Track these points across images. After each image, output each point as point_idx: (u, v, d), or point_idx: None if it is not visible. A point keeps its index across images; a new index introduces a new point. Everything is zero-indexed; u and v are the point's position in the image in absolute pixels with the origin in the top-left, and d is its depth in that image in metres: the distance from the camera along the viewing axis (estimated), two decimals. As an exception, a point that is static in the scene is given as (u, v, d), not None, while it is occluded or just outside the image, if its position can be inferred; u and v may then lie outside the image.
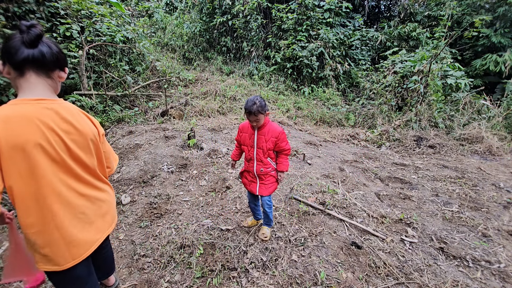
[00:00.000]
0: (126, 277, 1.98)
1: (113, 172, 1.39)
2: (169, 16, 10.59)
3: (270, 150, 2.02)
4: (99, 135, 1.21)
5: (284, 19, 8.30)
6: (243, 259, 2.08)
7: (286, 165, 2.08)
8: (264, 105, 1.89)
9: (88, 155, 1.14)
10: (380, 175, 3.72)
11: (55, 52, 1.04)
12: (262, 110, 1.87)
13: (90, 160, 1.15)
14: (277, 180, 2.13)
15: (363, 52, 9.02)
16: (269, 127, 1.99)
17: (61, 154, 1.04)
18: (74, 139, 1.08)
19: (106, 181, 1.30)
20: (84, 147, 1.12)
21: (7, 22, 4.07)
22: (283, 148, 2.03)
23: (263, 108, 1.87)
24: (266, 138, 1.98)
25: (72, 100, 4.37)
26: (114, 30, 5.59)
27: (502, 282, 1.96)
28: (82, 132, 1.10)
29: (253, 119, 1.90)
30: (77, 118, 1.10)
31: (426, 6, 9.55)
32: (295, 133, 5.38)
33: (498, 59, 7.43)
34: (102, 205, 1.23)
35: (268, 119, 2.01)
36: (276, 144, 2.00)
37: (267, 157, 2.03)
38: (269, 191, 2.10)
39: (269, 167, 2.06)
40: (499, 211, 2.84)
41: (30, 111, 0.97)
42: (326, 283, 1.87)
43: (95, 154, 1.19)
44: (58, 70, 1.09)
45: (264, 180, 2.08)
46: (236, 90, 7.11)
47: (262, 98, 1.94)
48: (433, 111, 5.54)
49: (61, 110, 1.06)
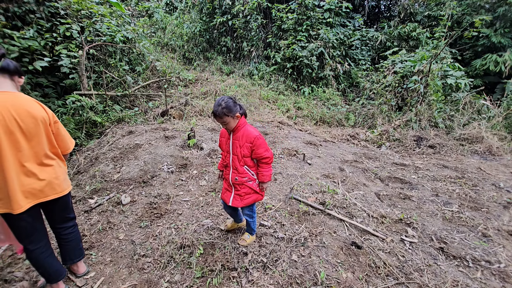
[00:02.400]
0: (126, 277, 1.98)
1: (70, 150, 1.75)
2: (169, 16, 10.59)
3: (246, 157, 1.85)
4: (49, 120, 1.55)
5: (284, 19, 8.30)
6: (243, 259, 2.08)
7: (267, 175, 1.88)
8: (231, 106, 1.73)
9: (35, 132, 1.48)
10: (380, 175, 3.72)
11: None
12: (229, 113, 1.72)
13: (37, 137, 1.50)
14: (256, 192, 1.94)
15: (363, 52, 9.02)
16: (243, 131, 1.81)
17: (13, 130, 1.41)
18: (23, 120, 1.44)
19: (54, 157, 1.62)
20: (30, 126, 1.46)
21: (7, 22, 4.07)
22: (262, 156, 1.83)
23: (230, 110, 1.72)
24: (240, 144, 1.82)
25: (72, 100, 4.37)
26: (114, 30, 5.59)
27: (502, 282, 1.96)
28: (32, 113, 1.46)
29: (220, 122, 1.77)
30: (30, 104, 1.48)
31: (426, 6, 9.55)
32: (295, 133, 5.38)
33: (498, 59, 7.43)
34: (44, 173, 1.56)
35: (243, 121, 1.84)
36: (252, 151, 1.82)
37: (243, 165, 1.86)
38: (244, 203, 1.92)
39: (244, 176, 1.87)
40: (499, 211, 2.84)
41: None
42: (326, 283, 1.87)
43: (45, 134, 1.53)
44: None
45: (240, 191, 1.91)
46: (236, 90, 7.11)
47: (232, 99, 1.79)
48: (433, 111, 5.54)
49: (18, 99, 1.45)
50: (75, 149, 4.21)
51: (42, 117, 1.50)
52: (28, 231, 1.60)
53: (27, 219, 1.55)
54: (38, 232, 1.64)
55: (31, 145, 1.49)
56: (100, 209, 2.81)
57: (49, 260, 1.68)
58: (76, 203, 2.96)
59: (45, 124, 1.52)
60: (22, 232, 1.58)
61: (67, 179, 1.73)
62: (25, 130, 1.44)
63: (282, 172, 3.49)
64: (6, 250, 2.26)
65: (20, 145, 1.44)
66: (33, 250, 1.62)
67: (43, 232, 1.68)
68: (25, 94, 1.53)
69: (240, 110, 1.80)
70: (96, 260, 2.15)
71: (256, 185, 1.94)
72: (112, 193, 3.06)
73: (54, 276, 1.71)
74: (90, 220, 2.64)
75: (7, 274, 2.02)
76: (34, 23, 4.38)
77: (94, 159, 3.92)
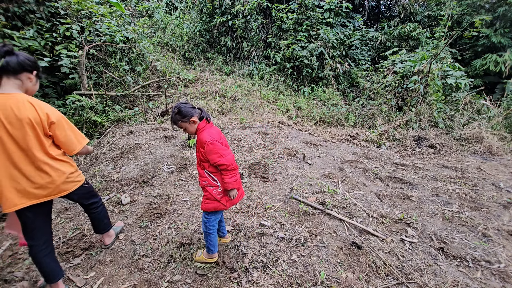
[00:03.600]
0: (126, 277, 1.98)
1: (76, 153, 1.71)
2: (169, 16, 10.60)
3: (204, 162, 1.81)
4: (42, 121, 1.51)
5: (284, 19, 8.30)
6: (243, 259, 2.08)
7: (228, 182, 1.78)
8: (183, 112, 1.73)
9: (27, 133, 1.48)
10: (380, 175, 3.72)
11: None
12: (183, 118, 1.73)
13: (24, 140, 1.48)
14: (216, 199, 1.84)
15: (363, 52, 9.02)
16: (200, 135, 1.78)
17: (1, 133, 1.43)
18: (10, 122, 1.44)
19: (47, 160, 1.58)
20: (21, 127, 1.46)
21: (7, 22, 4.07)
22: (216, 162, 1.74)
23: (183, 115, 1.73)
24: (197, 147, 1.84)
25: (72, 100, 4.37)
26: (114, 30, 5.59)
27: (502, 282, 1.96)
28: (21, 115, 1.45)
29: (178, 128, 1.80)
30: (18, 106, 1.45)
31: (426, 6, 9.55)
32: (295, 133, 5.38)
33: (498, 59, 7.43)
34: (37, 176, 1.56)
35: (202, 125, 1.79)
36: (204, 156, 1.77)
37: (203, 168, 1.83)
38: (203, 207, 1.89)
39: (205, 180, 1.83)
40: (499, 211, 2.84)
41: None
42: (326, 283, 1.87)
43: (34, 136, 1.50)
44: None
45: (204, 194, 1.89)
46: (236, 90, 7.11)
47: (188, 103, 1.77)
48: (433, 111, 5.54)
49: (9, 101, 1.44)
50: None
51: (28, 119, 1.46)
52: (28, 226, 1.64)
53: (27, 215, 1.60)
54: (38, 230, 1.67)
55: (20, 148, 1.49)
56: (100, 209, 2.81)
57: (46, 259, 1.70)
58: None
59: (31, 126, 1.48)
60: (23, 226, 1.65)
61: (72, 177, 1.73)
62: (11, 133, 1.45)
63: (282, 172, 3.49)
64: (6, 250, 2.27)
65: (8, 148, 1.47)
66: (31, 245, 1.67)
67: (44, 230, 1.71)
68: (23, 94, 1.51)
69: (197, 114, 1.77)
70: (96, 260, 2.15)
71: (217, 193, 1.83)
72: (112, 193, 3.06)
73: (49, 276, 1.73)
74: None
75: (7, 274, 2.02)
76: (34, 23, 4.38)
77: (94, 159, 3.92)
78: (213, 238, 1.98)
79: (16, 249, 2.29)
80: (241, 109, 6.46)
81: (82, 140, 1.73)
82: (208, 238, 1.98)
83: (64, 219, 2.67)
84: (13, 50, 1.49)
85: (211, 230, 1.95)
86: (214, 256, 2.04)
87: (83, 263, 2.12)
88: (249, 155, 3.99)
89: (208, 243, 1.99)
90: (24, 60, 1.51)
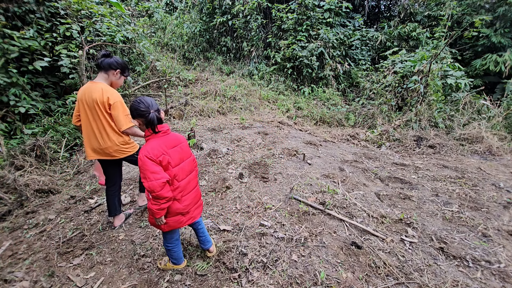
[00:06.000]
0: (126, 277, 1.98)
1: (122, 131, 2.12)
2: (169, 16, 10.59)
3: None
4: (103, 103, 2.06)
5: (284, 19, 8.30)
6: (243, 259, 2.08)
7: (150, 209, 1.56)
8: (131, 108, 1.59)
9: (95, 110, 2.09)
10: (380, 175, 3.72)
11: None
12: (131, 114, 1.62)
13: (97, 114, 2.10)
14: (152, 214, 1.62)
15: (363, 52, 9.01)
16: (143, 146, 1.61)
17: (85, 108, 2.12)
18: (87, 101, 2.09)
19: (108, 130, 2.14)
20: (92, 105, 2.09)
21: (7, 22, 4.07)
22: (143, 182, 1.52)
23: (131, 113, 1.61)
24: None
25: (72, 100, 4.37)
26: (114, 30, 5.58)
27: (502, 282, 1.96)
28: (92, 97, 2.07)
29: None
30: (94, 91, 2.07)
31: (426, 6, 9.55)
32: (295, 133, 5.38)
33: (498, 59, 7.43)
34: (101, 141, 2.16)
35: (148, 134, 1.60)
36: None
37: None
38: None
39: (147, 194, 1.59)
40: (499, 211, 2.84)
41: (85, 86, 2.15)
42: (326, 283, 1.87)
43: (100, 113, 2.09)
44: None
45: None
46: (236, 90, 7.11)
47: (146, 101, 1.58)
48: (433, 111, 5.53)
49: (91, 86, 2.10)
50: (75, 149, 4.21)
51: (96, 100, 2.05)
52: (104, 173, 2.39)
53: (102, 165, 2.34)
54: (109, 177, 2.39)
55: (94, 118, 2.11)
56: (100, 209, 2.81)
57: (112, 198, 2.41)
58: (76, 203, 2.96)
59: (97, 104, 2.06)
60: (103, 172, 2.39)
61: (122, 148, 2.22)
62: (88, 108, 2.10)
63: (282, 172, 3.49)
64: (6, 250, 2.27)
65: (88, 118, 2.12)
66: (106, 187, 2.40)
67: (114, 179, 2.40)
68: (102, 83, 2.11)
69: (142, 119, 1.58)
70: (96, 260, 2.15)
71: None
72: (112, 193, 3.06)
73: (110, 211, 2.44)
74: (90, 220, 2.64)
75: (7, 274, 2.02)
76: (34, 23, 4.38)
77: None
78: (174, 253, 1.90)
79: (16, 249, 2.29)
80: (241, 109, 6.46)
81: (128, 123, 2.13)
82: (168, 254, 1.92)
83: (64, 219, 2.67)
84: (109, 54, 2.14)
85: (169, 247, 1.87)
86: (181, 263, 1.99)
87: (83, 263, 2.13)
88: (249, 155, 3.99)
89: (170, 257, 1.94)
90: (112, 61, 2.12)
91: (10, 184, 3.02)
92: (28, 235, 2.47)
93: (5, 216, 2.76)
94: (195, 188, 1.85)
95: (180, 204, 1.71)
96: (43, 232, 2.52)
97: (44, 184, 3.20)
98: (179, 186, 1.69)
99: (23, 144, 3.71)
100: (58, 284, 1.94)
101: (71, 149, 4.20)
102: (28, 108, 4.06)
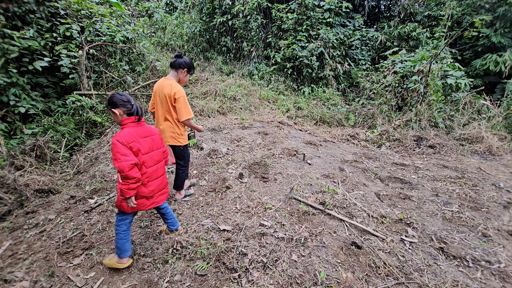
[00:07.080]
0: (126, 277, 1.98)
1: (181, 121, 2.51)
2: (169, 16, 10.59)
3: None
4: (170, 97, 2.43)
5: (284, 19, 8.30)
6: (243, 259, 2.08)
7: (120, 189, 1.72)
8: (113, 99, 1.74)
9: (164, 102, 2.49)
10: (380, 175, 3.72)
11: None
12: (108, 105, 1.76)
13: (165, 105, 2.49)
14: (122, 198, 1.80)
15: (363, 52, 9.01)
16: (118, 132, 1.78)
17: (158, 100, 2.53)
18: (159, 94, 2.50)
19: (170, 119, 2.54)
20: (163, 98, 2.48)
21: (7, 22, 4.07)
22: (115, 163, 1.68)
23: (109, 103, 1.75)
24: None
25: (72, 100, 4.37)
26: (114, 30, 5.58)
27: (502, 282, 1.96)
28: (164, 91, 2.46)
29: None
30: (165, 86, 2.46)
31: (426, 6, 9.55)
32: (295, 133, 5.38)
33: (498, 59, 7.43)
34: (164, 128, 2.55)
35: (125, 122, 1.79)
36: None
37: None
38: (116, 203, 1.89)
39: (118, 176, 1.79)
40: (499, 211, 2.84)
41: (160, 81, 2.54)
42: (326, 283, 1.87)
43: (165, 105, 2.49)
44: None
45: None
46: (236, 90, 7.11)
47: (127, 96, 1.79)
48: (433, 111, 5.53)
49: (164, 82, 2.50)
50: (75, 149, 4.21)
51: (166, 93, 2.43)
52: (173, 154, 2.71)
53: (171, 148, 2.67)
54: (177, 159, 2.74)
55: (164, 109, 2.50)
56: (100, 209, 2.81)
57: (180, 176, 2.79)
58: (76, 203, 2.96)
59: (165, 97, 2.44)
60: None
61: (176, 136, 2.57)
62: (159, 100, 2.51)
63: (282, 172, 3.49)
64: (6, 250, 2.27)
65: (161, 108, 2.51)
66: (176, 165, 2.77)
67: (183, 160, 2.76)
68: (172, 80, 2.49)
69: (124, 108, 1.77)
70: (96, 260, 2.15)
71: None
72: (112, 193, 3.06)
73: (177, 185, 2.84)
74: (90, 220, 2.64)
75: (7, 274, 2.02)
76: (34, 23, 4.38)
77: (94, 159, 3.92)
78: (120, 240, 1.91)
79: (16, 249, 2.29)
80: (241, 109, 6.46)
81: (187, 115, 2.49)
82: (116, 238, 1.94)
83: (64, 219, 2.67)
84: (181, 55, 2.50)
85: (118, 231, 1.92)
86: (123, 262, 1.98)
87: (83, 263, 2.13)
88: (249, 155, 3.99)
89: (117, 243, 1.93)
90: (182, 61, 2.49)
91: (10, 184, 3.02)
92: (28, 235, 2.47)
93: (5, 216, 2.76)
94: (161, 176, 2.07)
95: (146, 188, 1.92)
96: (43, 232, 2.52)
97: (44, 184, 3.20)
98: (146, 172, 1.91)
99: (23, 144, 3.71)
100: (58, 284, 1.94)
101: (71, 149, 4.21)
102: (28, 108, 4.06)
